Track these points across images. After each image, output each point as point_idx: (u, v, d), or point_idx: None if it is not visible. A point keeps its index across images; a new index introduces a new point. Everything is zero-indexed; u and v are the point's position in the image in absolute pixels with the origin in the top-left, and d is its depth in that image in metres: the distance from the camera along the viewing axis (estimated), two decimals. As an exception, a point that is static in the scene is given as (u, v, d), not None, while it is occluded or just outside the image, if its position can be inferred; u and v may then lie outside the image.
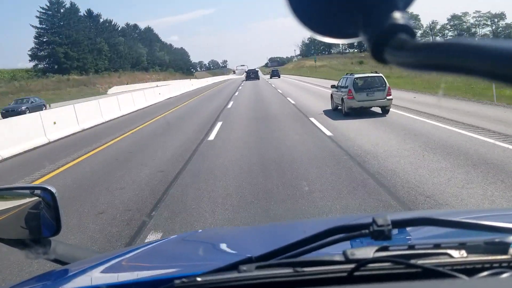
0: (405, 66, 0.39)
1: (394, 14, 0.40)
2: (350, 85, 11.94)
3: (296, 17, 0.45)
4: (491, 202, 4.38)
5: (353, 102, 11.80)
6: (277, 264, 0.82)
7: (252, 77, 56.23)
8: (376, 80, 12.02)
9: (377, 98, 11.74)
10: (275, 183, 5.67)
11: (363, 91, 11.77)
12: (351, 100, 11.80)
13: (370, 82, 12.02)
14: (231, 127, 11.81)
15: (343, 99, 12.25)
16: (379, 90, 11.74)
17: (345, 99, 12.10)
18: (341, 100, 12.59)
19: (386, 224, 0.79)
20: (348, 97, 11.87)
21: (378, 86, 11.81)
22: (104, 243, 4.09)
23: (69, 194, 6.00)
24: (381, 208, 4.40)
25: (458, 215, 1.48)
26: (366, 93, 11.74)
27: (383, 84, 11.80)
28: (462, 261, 0.79)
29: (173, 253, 1.45)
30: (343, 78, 13.30)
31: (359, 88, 11.86)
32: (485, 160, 6.10)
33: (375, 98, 11.74)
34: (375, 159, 6.67)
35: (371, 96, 11.74)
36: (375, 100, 11.76)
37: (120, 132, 12.92)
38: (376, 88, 11.77)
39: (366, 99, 11.75)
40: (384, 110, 11.98)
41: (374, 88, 11.79)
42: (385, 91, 11.70)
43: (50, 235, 1.21)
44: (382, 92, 11.70)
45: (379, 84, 11.83)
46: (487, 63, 0.31)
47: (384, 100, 11.72)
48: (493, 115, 10.54)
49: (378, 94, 11.73)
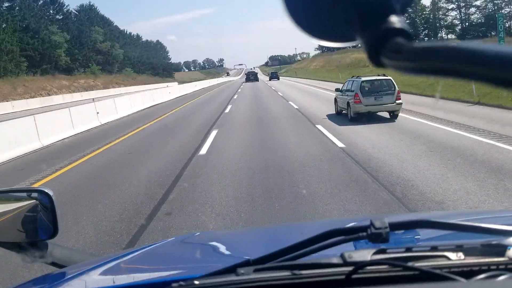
0: (402, 69, 0.40)
1: (391, 18, 0.41)
2: (356, 89, 11.62)
3: (293, 20, 0.46)
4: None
5: (360, 106, 11.50)
6: (275, 267, 0.84)
7: (252, 79, 61.51)
8: (384, 83, 11.73)
9: (386, 102, 11.42)
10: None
11: (370, 95, 11.49)
12: (358, 104, 11.48)
13: (378, 85, 11.75)
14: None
15: (349, 103, 11.95)
16: (388, 94, 11.44)
17: (351, 103, 11.78)
18: (346, 105, 12.27)
19: (383, 226, 0.80)
20: (354, 101, 11.55)
21: (386, 89, 11.52)
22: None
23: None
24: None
25: (455, 217, 1.50)
26: (374, 97, 11.46)
27: (392, 87, 11.51)
28: (459, 263, 0.81)
29: (170, 255, 1.47)
30: (349, 81, 12.97)
31: (367, 92, 11.56)
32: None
33: (383, 102, 11.42)
34: (408, 182, 5.50)
35: (379, 100, 11.43)
36: (383, 104, 11.45)
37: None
38: (385, 92, 11.47)
39: (374, 104, 11.46)
40: (392, 115, 11.68)
41: (382, 91, 11.50)
42: (394, 95, 11.38)
43: (47, 238, 1.24)
44: (391, 96, 11.39)
45: (387, 88, 11.55)
46: (485, 67, 0.33)
47: (393, 104, 11.41)
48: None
49: (387, 98, 11.41)
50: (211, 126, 12.97)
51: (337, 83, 25.59)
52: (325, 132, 10.19)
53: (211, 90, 45.33)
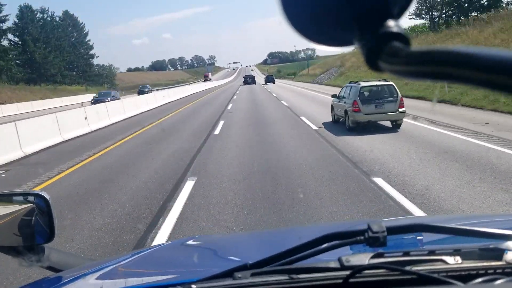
0: (399, 74, 0.42)
1: (388, 22, 0.43)
2: (355, 96, 11.02)
3: (291, 24, 0.48)
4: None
5: (359, 115, 10.88)
6: (272, 271, 0.87)
7: (249, 82, 65.56)
8: (386, 89, 11.16)
9: (388, 110, 10.81)
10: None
11: (371, 103, 10.89)
12: (357, 113, 10.88)
13: (379, 91, 11.19)
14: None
15: (347, 111, 11.33)
16: (390, 101, 10.85)
17: (349, 111, 11.16)
18: (344, 113, 11.62)
19: (381, 230, 0.83)
20: (353, 109, 10.95)
21: (388, 96, 10.95)
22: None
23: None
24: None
25: (453, 222, 1.52)
26: (374, 105, 10.86)
27: (394, 94, 10.93)
28: (457, 267, 0.84)
29: (168, 259, 1.49)
30: (346, 86, 12.27)
31: (366, 99, 10.98)
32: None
33: (385, 110, 10.82)
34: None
35: (381, 109, 10.83)
36: (385, 113, 10.84)
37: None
38: (386, 99, 10.89)
39: (374, 112, 10.85)
40: (395, 124, 11.07)
41: (383, 98, 10.94)
42: (397, 103, 10.78)
43: (44, 242, 1.26)
44: (394, 104, 10.78)
45: (389, 94, 10.98)
46: (483, 72, 0.33)
47: (396, 113, 10.78)
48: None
49: (389, 106, 10.79)
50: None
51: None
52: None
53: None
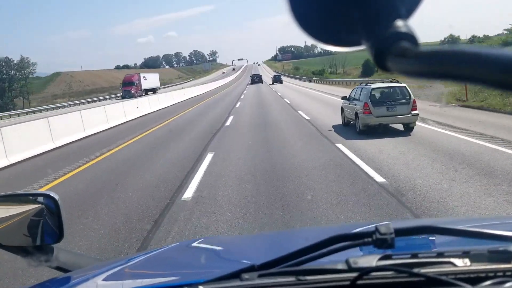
0: (408, 73, 0.43)
1: (396, 22, 0.44)
2: (366, 98, 10.92)
3: (299, 25, 0.50)
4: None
5: (370, 118, 10.78)
6: (280, 273, 0.89)
7: (256, 81, 67.77)
8: (398, 91, 11.07)
9: (400, 113, 10.71)
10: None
11: (382, 105, 10.78)
12: (368, 115, 10.77)
13: (391, 93, 11.11)
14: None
15: (358, 114, 11.21)
16: (402, 103, 10.74)
17: (360, 114, 11.05)
18: (354, 115, 11.52)
19: (389, 232, 0.85)
20: (364, 111, 10.82)
21: (400, 98, 10.87)
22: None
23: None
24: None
25: (462, 224, 1.53)
26: (386, 107, 10.76)
27: (407, 96, 10.84)
28: (465, 270, 0.85)
29: (175, 261, 1.52)
30: (357, 88, 12.24)
31: (377, 101, 10.87)
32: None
33: (397, 113, 10.71)
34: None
35: (393, 111, 10.72)
36: (397, 116, 10.73)
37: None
38: (398, 101, 10.79)
39: (386, 115, 10.74)
40: (407, 127, 10.94)
41: (395, 101, 10.82)
42: (409, 105, 10.68)
43: (53, 242, 1.29)
44: (406, 106, 10.69)
45: (401, 96, 10.89)
46: (492, 71, 0.34)
47: (408, 115, 10.69)
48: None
49: (401, 109, 10.70)
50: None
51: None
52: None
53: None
